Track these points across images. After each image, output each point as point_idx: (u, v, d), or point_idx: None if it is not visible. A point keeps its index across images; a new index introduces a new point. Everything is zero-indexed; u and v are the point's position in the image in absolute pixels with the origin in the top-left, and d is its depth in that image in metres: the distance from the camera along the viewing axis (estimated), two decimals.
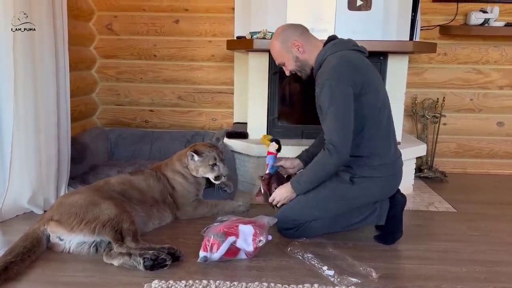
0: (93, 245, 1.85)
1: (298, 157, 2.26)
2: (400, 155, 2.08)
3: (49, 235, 1.85)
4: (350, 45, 2.02)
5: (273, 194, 2.09)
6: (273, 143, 2.23)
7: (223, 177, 2.36)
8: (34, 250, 1.78)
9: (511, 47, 3.29)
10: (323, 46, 2.02)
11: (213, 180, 2.35)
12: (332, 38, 2.05)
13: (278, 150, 2.24)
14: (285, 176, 2.25)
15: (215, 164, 2.32)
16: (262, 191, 2.15)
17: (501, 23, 3.12)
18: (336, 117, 1.88)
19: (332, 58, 1.94)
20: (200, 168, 2.32)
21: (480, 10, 3.12)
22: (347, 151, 1.89)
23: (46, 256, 1.83)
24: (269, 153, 2.23)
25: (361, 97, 1.90)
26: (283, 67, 2.14)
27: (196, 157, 2.30)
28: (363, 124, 1.93)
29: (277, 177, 2.18)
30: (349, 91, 1.87)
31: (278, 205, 2.08)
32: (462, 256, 1.94)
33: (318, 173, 1.97)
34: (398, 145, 2.13)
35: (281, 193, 2.05)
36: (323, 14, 2.68)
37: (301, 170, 2.17)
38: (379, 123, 1.96)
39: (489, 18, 3.10)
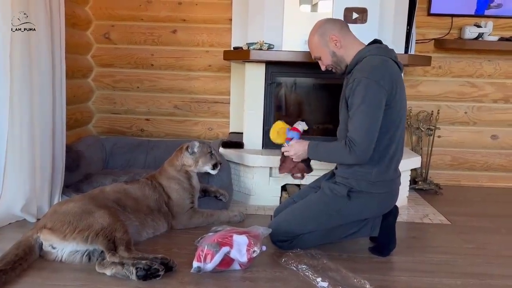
0: (85, 254, 1.83)
1: None
2: (400, 175, 2.05)
3: (42, 243, 1.84)
4: (392, 54, 1.98)
5: (289, 146, 2.09)
6: (303, 122, 2.18)
7: (219, 165, 2.42)
8: (26, 258, 1.76)
9: (505, 61, 3.33)
10: (367, 46, 1.99)
11: (211, 171, 2.40)
12: (377, 41, 2.02)
13: (305, 131, 2.20)
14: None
15: (211, 153, 2.39)
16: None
17: (495, 38, 3.16)
18: (365, 116, 1.83)
19: (374, 59, 1.90)
20: (200, 158, 2.36)
21: (474, 25, 3.17)
22: (367, 155, 1.85)
23: (38, 264, 1.81)
24: (294, 128, 2.17)
25: (386, 109, 1.87)
26: (319, 62, 2.10)
27: (196, 148, 2.35)
28: (378, 138, 1.88)
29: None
30: (383, 96, 1.83)
31: (291, 156, 2.09)
32: (457, 269, 1.94)
33: (332, 157, 2.01)
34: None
35: (297, 148, 2.06)
36: None
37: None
38: (391, 141, 1.93)
39: (483, 33, 3.14)
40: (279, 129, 2.23)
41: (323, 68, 2.11)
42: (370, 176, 1.94)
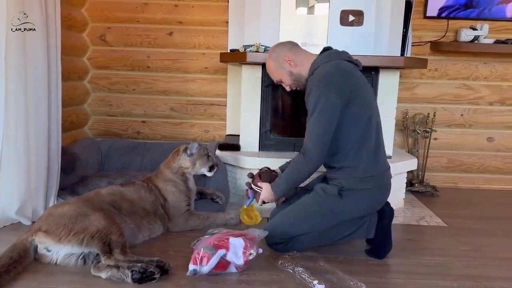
0: (81, 256, 1.82)
1: (280, 167, 2.29)
2: (389, 167, 2.08)
3: (37, 246, 1.82)
4: (344, 56, 2.05)
5: (261, 196, 2.15)
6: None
7: (216, 167, 2.44)
8: (21, 261, 1.75)
9: (500, 64, 3.35)
10: (318, 56, 2.06)
11: (208, 173, 2.42)
12: (327, 48, 2.10)
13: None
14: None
15: (208, 154, 2.41)
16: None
17: (490, 40, 3.17)
18: (316, 123, 1.91)
19: (325, 66, 1.98)
20: (198, 160, 2.37)
21: (470, 27, 3.18)
22: (320, 158, 1.94)
23: (33, 267, 1.80)
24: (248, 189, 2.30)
25: (348, 108, 1.91)
26: (283, 85, 2.18)
27: (194, 149, 2.36)
28: (351, 135, 1.95)
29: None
30: (336, 100, 1.89)
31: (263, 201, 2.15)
32: (453, 271, 1.94)
33: (293, 175, 2.04)
34: (388, 159, 2.14)
35: (265, 195, 2.13)
36: (316, 28, 2.71)
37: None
38: (367, 135, 1.97)
39: (478, 35, 3.15)
40: (246, 212, 2.38)
41: (287, 89, 2.19)
42: (357, 173, 1.97)
